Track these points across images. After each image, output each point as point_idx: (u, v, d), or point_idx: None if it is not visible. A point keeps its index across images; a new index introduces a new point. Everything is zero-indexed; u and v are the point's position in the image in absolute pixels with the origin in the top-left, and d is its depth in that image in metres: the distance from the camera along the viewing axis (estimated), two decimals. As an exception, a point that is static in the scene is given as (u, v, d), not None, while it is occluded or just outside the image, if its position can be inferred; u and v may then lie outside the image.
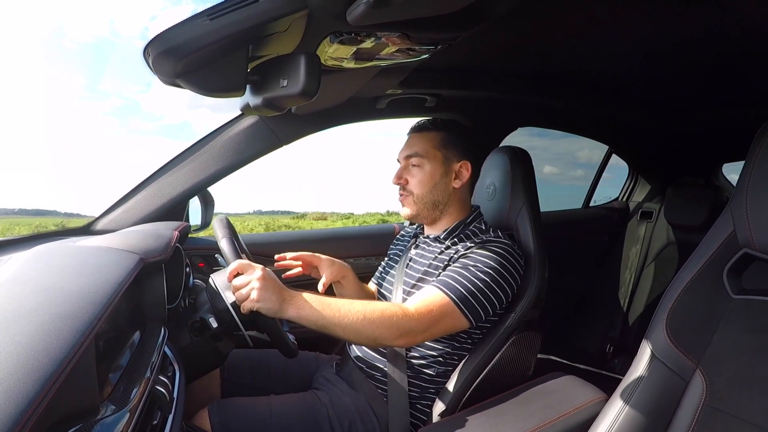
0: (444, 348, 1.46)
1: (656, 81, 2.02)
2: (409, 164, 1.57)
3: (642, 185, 3.34)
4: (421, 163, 1.55)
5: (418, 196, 1.55)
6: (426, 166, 1.55)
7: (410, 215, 1.59)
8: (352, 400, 1.47)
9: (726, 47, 1.54)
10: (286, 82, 0.99)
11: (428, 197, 1.55)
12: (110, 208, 1.81)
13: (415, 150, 1.56)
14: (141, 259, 1.05)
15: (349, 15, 0.92)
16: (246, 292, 1.21)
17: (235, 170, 1.88)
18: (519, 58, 1.82)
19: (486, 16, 1.06)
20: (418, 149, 1.55)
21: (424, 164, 1.55)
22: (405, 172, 1.58)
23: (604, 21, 1.41)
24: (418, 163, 1.55)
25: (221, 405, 1.40)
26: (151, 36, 0.90)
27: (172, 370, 1.11)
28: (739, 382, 1.01)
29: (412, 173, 1.56)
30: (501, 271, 1.39)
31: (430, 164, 1.55)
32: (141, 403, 0.83)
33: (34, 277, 0.86)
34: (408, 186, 1.57)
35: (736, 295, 1.07)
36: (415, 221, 1.65)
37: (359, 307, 1.25)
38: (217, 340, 1.32)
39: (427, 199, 1.55)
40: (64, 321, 0.66)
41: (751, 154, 1.05)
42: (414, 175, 1.56)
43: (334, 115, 1.96)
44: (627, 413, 1.09)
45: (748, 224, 1.02)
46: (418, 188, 1.55)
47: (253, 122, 1.84)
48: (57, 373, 0.55)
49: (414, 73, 1.56)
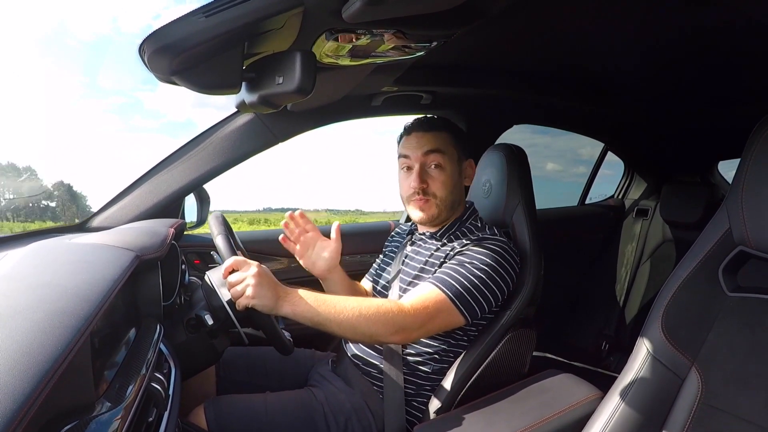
0: (440, 345, 1.47)
1: (652, 78, 2.03)
2: (428, 164, 1.51)
3: (638, 183, 3.36)
4: (443, 163, 1.50)
5: (441, 198, 1.51)
6: (447, 167, 1.51)
7: (430, 218, 1.53)
8: (347, 397, 1.47)
9: (722, 44, 1.55)
10: (281, 80, 0.99)
11: (449, 199, 1.52)
12: (106, 205, 1.80)
13: (436, 146, 1.50)
14: (137, 256, 1.05)
15: (344, 12, 0.92)
16: (241, 288, 1.21)
17: (231, 167, 1.88)
18: (514, 55, 1.82)
19: (481, 14, 1.07)
20: (440, 145, 1.50)
21: (446, 165, 1.51)
22: (425, 174, 1.52)
23: (599, 18, 1.41)
24: (441, 163, 1.50)
25: (217, 402, 1.40)
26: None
27: (167, 367, 1.11)
28: (734, 380, 1.01)
29: (433, 175, 1.51)
30: (497, 268, 1.39)
31: (450, 164, 1.51)
32: (136, 400, 0.83)
33: (30, 274, 0.86)
34: (430, 189, 1.51)
35: (731, 292, 1.07)
36: (429, 223, 1.58)
37: (354, 304, 1.25)
38: (212, 337, 1.32)
39: (448, 201, 1.52)
40: (59, 318, 0.65)
41: (747, 151, 1.05)
42: (435, 177, 1.51)
43: (330, 112, 1.96)
44: (622, 411, 1.09)
45: (744, 222, 1.03)
46: (442, 191, 1.51)
47: (249, 119, 1.84)
48: (53, 370, 0.55)
49: (410, 71, 1.55)
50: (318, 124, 1.98)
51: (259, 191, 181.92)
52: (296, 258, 1.59)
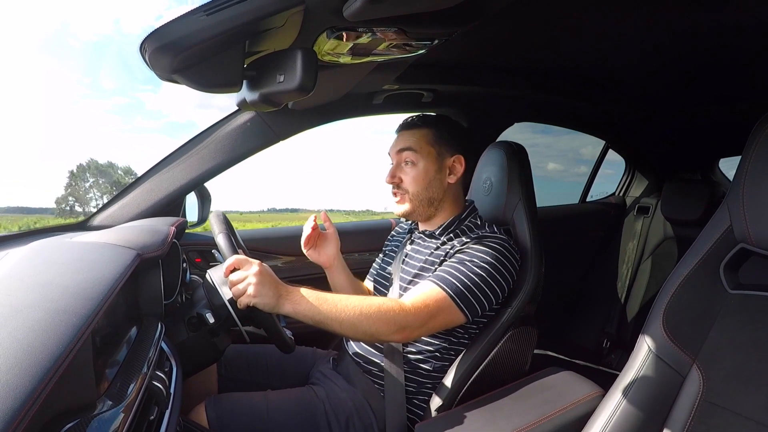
0: (441, 343, 1.47)
1: (652, 76, 2.02)
2: (402, 161, 1.55)
3: (639, 180, 3.35)
4: (415, 160, 1.53)
5: (413, 193, 1.54)
6: (420, 163, 1.53)
7: (405, 213, 1.57)
8: (349, 395, 1.48)
9: (723, 41, 1.54)
10: (282, 78, 0.99)
11: (423, 194, 1.54)
12: (107, 204, 1.80)
13: (408, 144, 1.54)
14: (138, 255, 1.05)
15: (345, 10, 0.92)
16: (243, 287, 1.21)
17: (232, 166, 1.88)
18: (515, 53, 1.82)
19: (482, 12, 1.06)
20: (412, 144, 1.53)
21: (418, 161, 1.53)
22: (398, 170, 1.56)
23: (600, 15, 1.41)
24: (412, 160, 1.53)
25: (218, 400, 1.40)
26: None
27: (169, 366, 1.12)
28: (735, 377, 1.01)
29: (406, 171, 1.55)
30: (497, 266, 1.39)
31: (424, 161, 1.53)
32: (138, 398, 0.83)
33: (31, 273, 0.86)
34: (402, 184, 1.55)
35: (732, 290, 1.07)
36: (410, 219, 1.62)
37: (356, 303, 1.25)
38: (214, 335, 1.32)
39: (422, 196, 1.54)
40: (61, 317, 0.66)
41: (748, 149, 1.05)
42: (407, 172, 1.54)
43: (331, 110, 1.96)
44: (624, 408, 1.09)
45: (745, 219, 1.02)
46: (413, 186, 1.54)
47: (250, 118, 1.84)
48: (54, 368, 0.55)
49: (411, 69, 1.56)
50: (319, 122, 1.98)
51: (263, 191, 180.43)
52: (303, 250, 1.63)
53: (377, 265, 1.83)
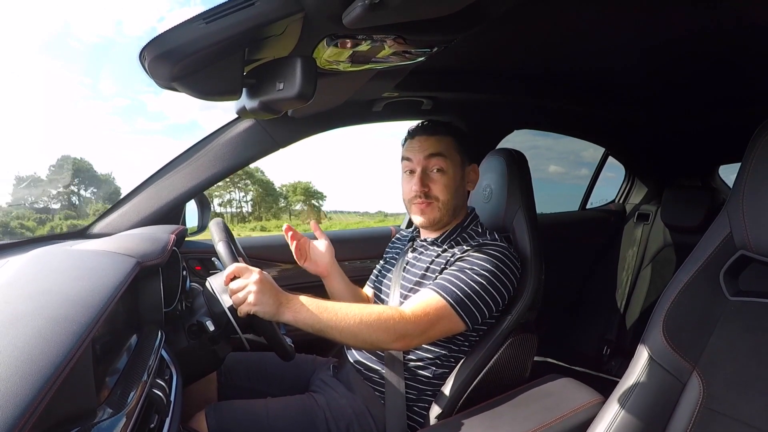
0: (441, 351, 1.46)
1: (652, 82, 2.03)
2: (430, 168, 1.52)
3: (638, 187, 3.36)
4: (445, 167, 1.51)
5: (443, 202, 1.52)
6: (450, 170, 1.52)
7: (431, 222, 1.55)
8: (349, 403, 1.47)
9: (722, 47, 1.55)
10: (282, 86, 0.99)
11: (451, 203, 1.53)
12: (107, 212, 1.80)
13: (438, 150, 1.51)
14: (138, 263, 1.05)
15: (345, 18, 0.92)
16: (243, 295, 1.21)
17: (232, 174, 1.88)
18: (515, 60, 1.82)
19: (482, 19, 1.07)
20: (442, 149, 1.51)
21: (448, 168, 1.51)
22: (427, 177, 1.53)
23: (600, 22, 1.41)
24: (443, 167, 1.51)
25: (218, 408, 1.39)
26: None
27: (169, 374, 1.11)
28: (736, 384, 1.01)
29: (435, 178, 1.52)
30: (497, 273, 1.39)
31: (453, 168, 1.52)
32: (138, 406, 0.83)
33: (31, 281, 0.86)
34: (432, 192, 1.52)
35: (732, 296, 1.07)
36: (430, 228, 1.59)
37: (356, 311, 1.24)
38: (214, 343, 1.32)
39: (450, 204, 1.53)
40: (61, 325, 0.66)
41: (748, 155, 1.05)
42: (437, 180, 1.52)
43: (331, 118, 1.96)
44: (624, 415, 1.09)
45: (745, 226, 1.03)
46: (444, 194, 1.52)
47: (250, 126, 1.84)
48: (54, 376, 0.55)
49: (410, 76, 1.56)
50: (319, 129, 1.98)
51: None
52: (299, 263, 1.63)
53: (377, 272, 1.82)
